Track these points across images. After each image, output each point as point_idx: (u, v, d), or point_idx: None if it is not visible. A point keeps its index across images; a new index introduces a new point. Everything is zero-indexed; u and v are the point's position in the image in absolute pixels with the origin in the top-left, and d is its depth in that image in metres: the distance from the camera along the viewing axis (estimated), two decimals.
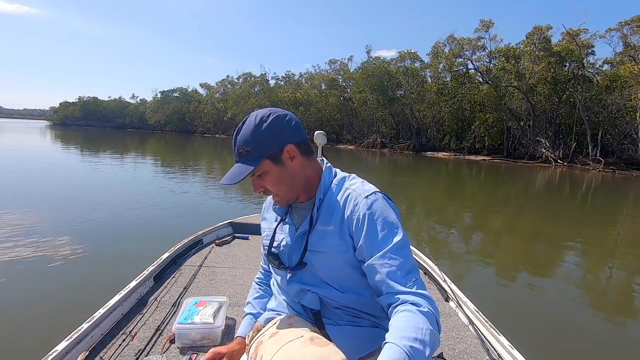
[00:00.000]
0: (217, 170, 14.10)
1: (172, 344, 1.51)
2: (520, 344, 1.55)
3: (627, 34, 25.74)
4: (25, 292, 3.15)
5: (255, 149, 0.87)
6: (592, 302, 3.88)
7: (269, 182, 0.90)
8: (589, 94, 24.76)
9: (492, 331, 1.64)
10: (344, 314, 0.95)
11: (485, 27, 27.79)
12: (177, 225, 5.52)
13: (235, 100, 50.74)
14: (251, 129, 0.87)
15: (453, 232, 6.61)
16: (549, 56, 25.22)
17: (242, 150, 0.88)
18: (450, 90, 30.56)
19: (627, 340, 3.12)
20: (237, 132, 0.89)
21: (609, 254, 5.87)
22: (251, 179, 0.91)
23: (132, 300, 1.82)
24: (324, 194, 0.94)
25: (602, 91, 24.45)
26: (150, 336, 1.55)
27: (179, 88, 67.39)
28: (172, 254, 2.37)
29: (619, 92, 23.47)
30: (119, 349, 1.45)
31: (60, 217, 5.49)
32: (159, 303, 1.86)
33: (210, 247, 2.76)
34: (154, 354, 1.44)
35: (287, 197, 0.95)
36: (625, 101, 23.12)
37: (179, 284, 2.10)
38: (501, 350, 1.53)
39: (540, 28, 25.98)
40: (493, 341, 1.60)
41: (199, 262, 2.44)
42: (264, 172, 0.90)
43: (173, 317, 1.70)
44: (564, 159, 24.55)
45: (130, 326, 1.62)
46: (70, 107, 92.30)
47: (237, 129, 0.90)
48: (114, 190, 8.38)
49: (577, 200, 11.90)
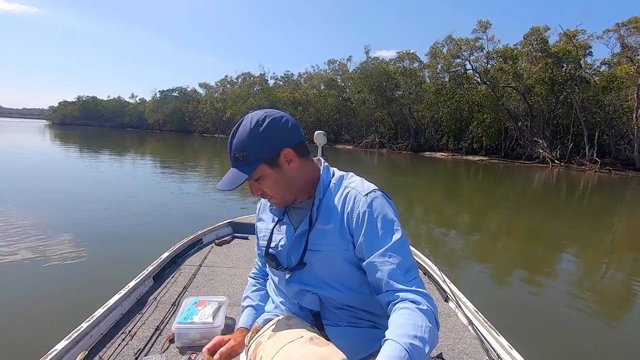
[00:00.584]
0: (216, 170, 14.12)
1: (172, 344, 1.51)
2: (520, 344, 1.55)
3: (625, 35, 25.88)
4: (25, 292, 3.15)
5: (252, 153, 0.86)
6: (592, 302, 3.89)
7: (267, 185, 0.90)
8: (586, 95, 24.85)
9: (491, 331, 1.64)
10: (344, 314, 0.95)
11: (483, 27, 27.85)
12: (176, 225, 5.52)
13: (234, 100, 50.70)
14: (247, 132, 0.86)
15: (452, 233, 6.62)
16: (546, 57, 25.30)
17: (238, 155, 0.87)
18: (448, 90, 30.62)
19: (626, 340, 3.13)
20: (233, 136, 0.88)
21: (608, 254, 5.93)
22: (248, 182, 0.90)
23: (132, 300, 1.82)
24: (323, 193, 0.94)
25: (599, 92, 24.54)
26: (150, 336, 1.55)
27: (178, 88, 67.27)
28: (171, 254, 2.37)
29: (615, 93, 23.57)
30: (118, 348, 1.45)
31: (59, 217, 5.47)
32: (159, 302, 1.86)
33: (210, 246, 2.77)
34: (154, 354, 1.45)
35: (285, 199, 0.94)
36: (621, 102, 23.23)
37: (179, 283, 2.10)
38: (500, 351, 1.53)
39: (538, 29, 26.05)
40: (492, 341, 1.60)
41: (198, 261, 2.44)
42: (261, 176, 0.89)
43: (172, 316, 1.71)
44: (561, 159, 24.63)
45: (129, 326, 1.62)
46: (69, 107, 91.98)
47: (232, 132, 0.89)
48: (113, 189, 8.39)
49: (574, 200, 11.94)
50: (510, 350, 1.48)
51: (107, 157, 16.33)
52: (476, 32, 28.45)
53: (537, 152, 25.86)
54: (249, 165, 0.87)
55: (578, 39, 26.20)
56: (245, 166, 0.87)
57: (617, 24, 26.00)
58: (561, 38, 26.81)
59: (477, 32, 28.36)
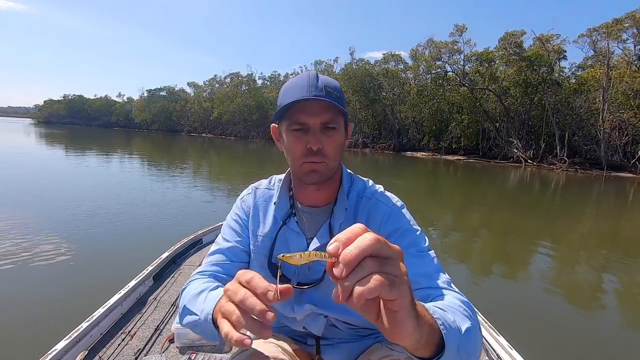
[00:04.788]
0: (217, 170, 14.28)
1: (172, 344, 1.51)
2: (519, 344, 1.57)
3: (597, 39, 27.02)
4: (24, 292, 3.15)
5: (342, 99, 0.79)
6: (591, 302, 3.92)
7: (333, 141, 0.78)
8: (558, 97, 25.92)
9: (491, 332, 1.64)
10: (346, 333, 0.87)
11: (459, 31, 28.80)
12: (176, 225, 5.53)
13: (221, 99, 51.02)
14: (334, 81, 0.80)
15: (450, 233, 6.60)
16: (520, 60, 26.31)
17: (330, 90, 0.76)
18: (429, 92, 31.54)
19: (625, 339, 3.14)
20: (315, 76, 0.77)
21: (608, 255, 5.95)
22: (313, 128, 0.77)
23: (132, 300, 1.81)
24: (347, 200, 0.85)
25: (570, 95, 25.63)
26: (150, 336, 1.56)
27: (166, 87, 67.22)
28: (171, 254, 2.37)
29: (585, 95, 24.69)
30: (118, 348, 1.45)
31: (59, 218, 5.46)
32: (159, 303, 1.85)
33: (209, 246, 2.82)
34: (153, 354, 1.44)
35: (332, 169, 0.81)
36: (590, 104, 24.36)
37: (179, 283, 2.09)
38: (500, 351, 1.52)
39: (512, 33, 27.06)
40: (492, 342, 1.60)
41: (198, 261, 2.43)
42: (337, 127, 0.79)
43: (172, 316, 1.72)
44: (534, 159, 25.67)
45: (129, 326, 1.62)
46: (55, 105, 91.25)
47: (308, 75, 0.78)
48: (111, 190, 8.29)
49: (546, 198, 12.50)
50: (510, 350, 1.48)
51: (94, 156, 16.38)
52: (453, 36, 29.39)
53: (512, 152, 26.89)
54: (342, 104, 0.78)
55: (553, 43, 27.29)
56: (340, 102, 0.77)
57: (589, 29, 27.21)
58: (534, 42, 27.88)
59: (454, 35, 29.29)
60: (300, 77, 0.79)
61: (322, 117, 0.76)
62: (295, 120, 0.77)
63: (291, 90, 0.78)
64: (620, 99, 22.93)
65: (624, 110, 22.61)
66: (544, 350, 2.71)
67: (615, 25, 24.66)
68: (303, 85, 0.76)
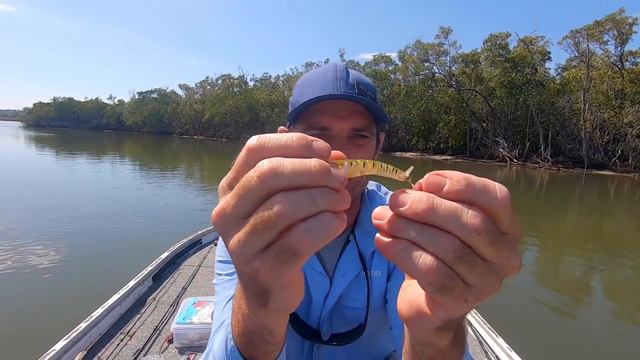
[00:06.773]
0: (215, 171, 14.44)
1: (171, 344, 1.51)
2: (519, 346, 1.58)
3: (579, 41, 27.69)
4: (24, 292, 3.15)
5: (377, 100, 0.65)
6: (590, 302, 3.94)
7: (362, 156, 0.60)
8: (542, 98, 26.54)
9: (490, 333, 1.65)
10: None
11: (445, 33, 29.33)
12: (176, 225, 5.55)
13: (213, 101, 51.07)
14: (367, 78, 0.66)
15: None
16: (504, 62, 26.89)
17: (364, 89, 0.62)
18: (418, 93, 32.05)
19: (623, 338, 3.16)
20: (344, 69, 0.63)
21: (607, 255, 5.95)
22: (338, 135, 0.60)
23: (131, 300, 1.81)
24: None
25: (553, 95, 26.27)
26: (149, 336, 1.56)
27: (157, 89, 67.02)
28: (170, 254, 2.37)
29: (567, 96, 25.35)
30: (117, 348, 1.45)
31: (56, 221, 5.45)
32: (158, 303, 1.85)
33: (209, 247, 2.79)
34: (152, 354, 1.43)
35: (358, 191, 0.68)
36: (572, 104, 25.01)
37: (178, 284, 2.10)
38: (499, 352, 1.53)
39: (497, 36, 27.64)
40: (492, 343, 1.61)
41: (197, 262, 2.44)
42: (370, 136, 0.64)
43: (171, 317, 1.71)
44: (519, 158, 26.28)
45: (128, 326, 1.62)
46: (44, 108, 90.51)
47: (335, 67, 0.63)
48: (109, 192, 8.34)
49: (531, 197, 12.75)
50: (509, 352, 1.49)
51: (85, 159, 16.39)
52: (439, 38, 29.92)
53: (498, 151, 27.47)
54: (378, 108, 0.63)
55: (537, 45, 27.91)
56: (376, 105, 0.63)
57: (572, 31, 27.87)
58: (518, 44, 28.49)
59: (439, 37, 29.82)
60: (323, 68, 0.64)
61: (352, 121, 0.60)
62: (314, 124, 0.61)
63: (312, 84, 0.62)
64: (600, 99, 23.59)
65: (604, 110, 23.27)
66: (543, 351, 2.72)
67: (596, 27, 25.34)
68: (328, 80, 0.61)
